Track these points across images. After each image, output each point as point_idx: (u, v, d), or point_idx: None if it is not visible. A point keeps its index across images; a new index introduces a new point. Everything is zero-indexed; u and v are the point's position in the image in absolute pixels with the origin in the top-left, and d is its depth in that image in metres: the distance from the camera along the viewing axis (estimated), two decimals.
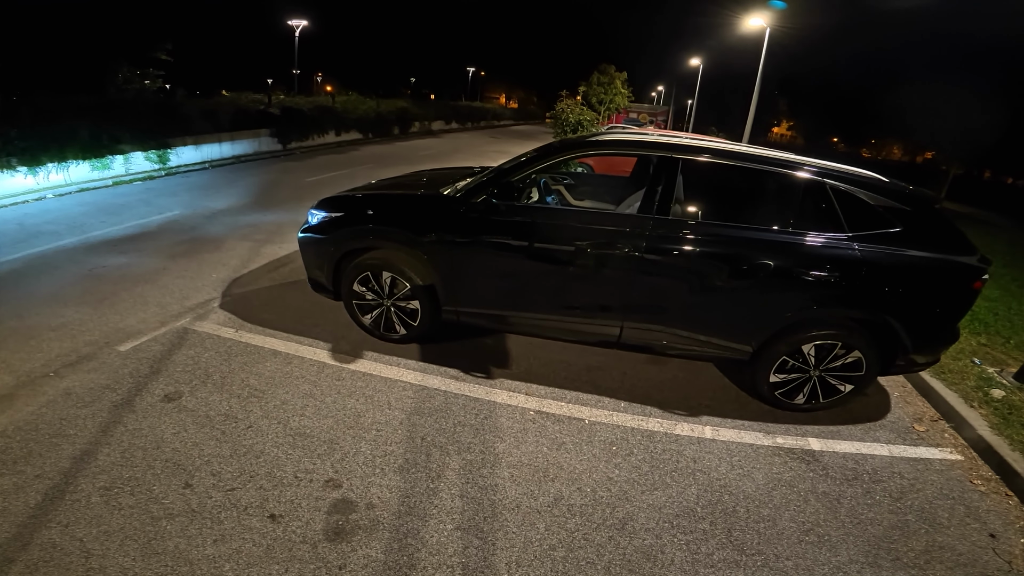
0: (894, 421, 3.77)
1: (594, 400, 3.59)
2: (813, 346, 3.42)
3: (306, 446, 2.90)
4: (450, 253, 3.66)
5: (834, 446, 3.38)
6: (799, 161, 3.51)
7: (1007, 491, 3.16)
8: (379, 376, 3.63)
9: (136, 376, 3.44)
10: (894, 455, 3.36)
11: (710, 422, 3.48)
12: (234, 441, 2.90)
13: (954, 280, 3.35)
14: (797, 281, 3.32)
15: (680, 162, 3.46)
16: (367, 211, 3.90)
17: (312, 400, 3.31)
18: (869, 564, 2.50)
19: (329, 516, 2.46)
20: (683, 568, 2.36)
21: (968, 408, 3.85)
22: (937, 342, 3.50)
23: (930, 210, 3.42)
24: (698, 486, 2.89)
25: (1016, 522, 2.93)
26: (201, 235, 6.57)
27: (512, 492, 2.69)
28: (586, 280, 3.54)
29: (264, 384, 3.44)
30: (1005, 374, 4.43)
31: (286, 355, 3.80)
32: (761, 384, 3.60)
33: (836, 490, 2.98)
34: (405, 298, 3.81)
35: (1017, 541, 2.79)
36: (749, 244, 3.37)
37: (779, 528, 2.65)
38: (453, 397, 3.46)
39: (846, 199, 3.34)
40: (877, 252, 3.27)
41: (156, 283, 4.96)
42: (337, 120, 17.81)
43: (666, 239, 3.37)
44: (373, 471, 2.75)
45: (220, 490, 2.56)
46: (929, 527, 2.79)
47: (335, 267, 3.89)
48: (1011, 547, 2.74)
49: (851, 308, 3.36)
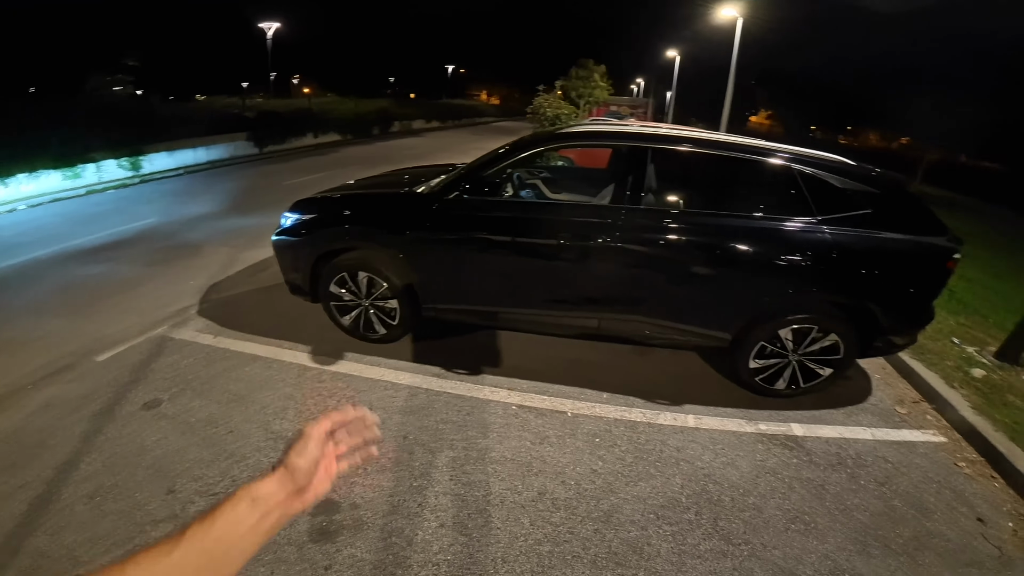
0: (876, 404, 3.79)
1: (577, 392, 3.58)
2: (790, 330, 3.43)
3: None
4: (425, 251, 3.64)
5: (817, 431, 3.39)
6: (767, 147, 3.54)
7: (993, 473, 3.16)
8: (360, 376, 3.60)
9: (116, 385, 3.40)
10: (877, 439, 3.38)
11: (693, 411, 3.48)
12: (215, 446, 2.88)
13: (926, 260, 3.37)
14: (769, 266, 3.34)
15: (649, 151, 3.47)
16: (341, 212, 3.87)
17: (293, 403, 3.27)
18: (858, 552, 2.48)
19: (313, 517, 2.44)
20: (670, 560, 2.35)
21: (949, 389, 3.86)
22: (913, 322, 3.53)
23: (899, 192, 3.45)
24: (682, 476, 2.88)
25: (1003, 505, 2.92)
26: (178, 242, 6.48)
27: (496, 487, 2.68)
28: (561, 272, 3.53)
29: (244, 389, 3.40)
30: (985, 353, 4.46)
31: (266, 359, 3.76)
32: (742, 371, 3.62)
33: (821, 476, 2.98)
34: (383, 298, 3.78)
35: (1006, 525, 2.78)
36: (720, 231, 3.38)
37: (765, 516, 2.64)
38: (435, 395, 3.44)
39: (814, 183, 3.36)
40: (847, 234, 3.29)
41: (134, 292, 4.89)
42: (315, 122, 17.64)
43: (637, 229, 3.38)
44: (356, 472, 2.72)
45: (203, 495, 2.54)
46: (917, 512, 2.78)
47: (311, 269, 3.85)
48: (1000, 532, 2.72)
49: (824, 291, 3.38)
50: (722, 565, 2.34)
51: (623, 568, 2.29)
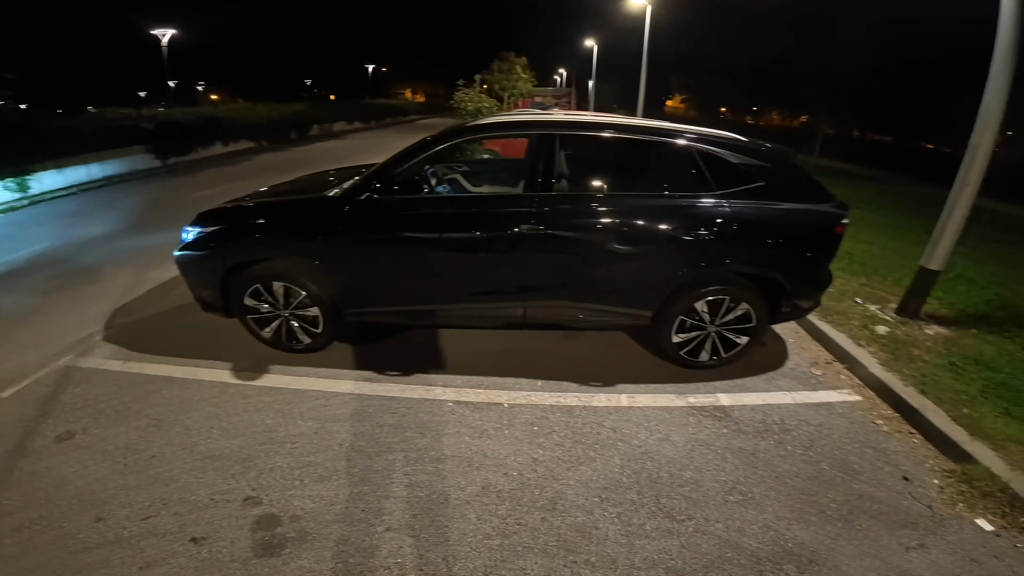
0: (793, 368, 3.99)
1: (512, 383, 3.59)
2: (705, 303, 3.58)
3: (218, 468, 2.75)
4: (342, 255, 3.55)
5: (742, 399, 3.53)
6: (668, 129, 3.69)
7: (910, 429, 3.31)
8: (288, 388, 3.45)
9: (24, 421, 3.13)
10: (798, 402, 3.53)
11: (626, 390, 3.57)
12: (140, 472, 2.72)
13: (817, 226, 3.61)
14: (677, 242, 3.47)
15: (557, 138, 3.53)
16: (249, 221, 3.68)
17: (218, 421, 3.11)
18: (796, 520, 2.54)
19: (254, 533, 2.35)
20: (618, 542, 2.37)
21: (858, 347, 4.08)
22: (814, 286, 3.76)
23: (788, 164, 3.68)
24: (621, 456, 2.93)
25: (925, 462, 3.03)
26: (77, 266, 5.94)
27: (439, 486, 2.65)
28: (479, 265, 3.53)
29: (163, 412, 3.20)
30: (887, 310, 4.77)
31: (183, 380, 3.54)
32: (667, 346, 3.75)
33: (751, 445, 3.07)
34: (304, 306, 3.64)
35: (931, 483, 2.86)
36: (629, 211, 3.49)
37: (704, 490, 2.70)
38: (368, 399, 3.36)
39: (711, 160, 3.52)
40: (744, 207, 3.48)
41: (31, 323, 4.44)
42: (223, 130, 16.63)
43: (550, 215, 3.42)
44: (293, 484, 2.64)
45: (134, 520, 2.42)
46: (845, 475, 2.87)
47: (221, 283, 3.64)
48: (927, 490, 2.81)
49: (730, 262, 3.55)
50: (670, 543, 2.38)
51: (575, 554, 2.30)
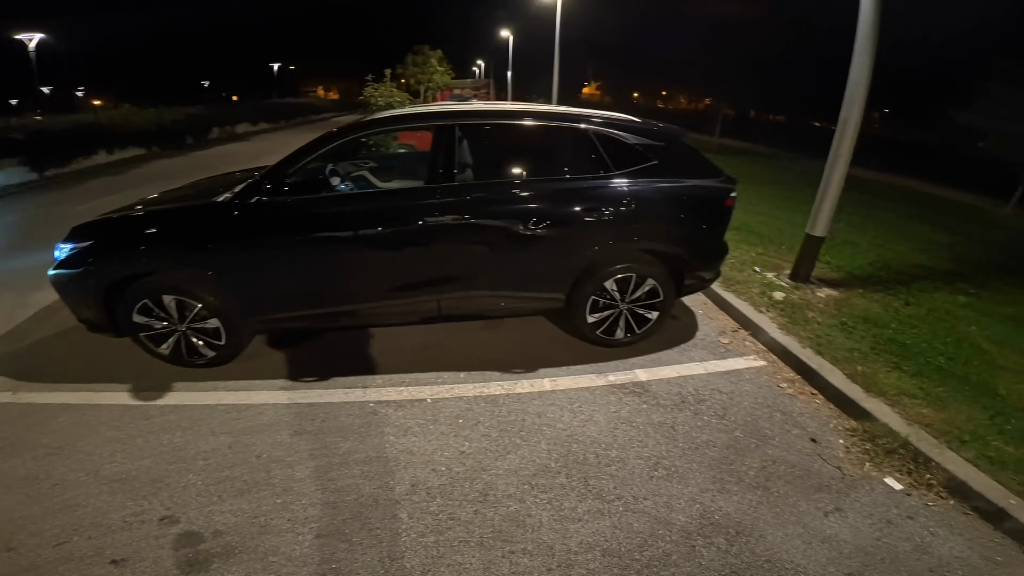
0: (703, 338, 4.21)
1: (433, 377, 3.57)
2: (613, 281, 3.69)
3: (127, 490, 2.59)
4: (234, 263, 3.37)
5: (658, 373, 3.67)
6: (566, 113, 3.79)
7: (812, 390, 3.50)
8: (195, 405, 3.26)
9: None
10: (709, 371, 3.71)
11: (548, 374, 3.62)
12: (44, 500, 2.53)
13: (708, 200, 3.83)
14: (581, 223, 3.57)
15: (457, 128, 3.53)
16: (129, 233, 3.43)
17: (121, 445, 2.91)
18: (719, 491, 2.61)
19: (177, 551, 2.24)
20: (552, 527, 2.38)
21: (758, 314, 4.35)
22: (711, 257, 3.99)
23: (679, 143, 3.86)
24: (547, 441, 2.96)
25: (829, 422, 3.18)
26: None
27: (367, 488, 2.59)
28: (383, 261, 3.47)
29: (60, 440, 2.95)
30: (782, 277, 5.13)
31: (79, 406, 3.25)
32: (583, 327, 3.85)
33: (670, 418, 3.17)
34: (202, 318, 3.42)
35: (838, 443, 2.98)
36: (532, 197, 3.54)
37: (629, 468, 2.76)
38: (284, 408, 3.23)
39: (608, 142, 3.65)
40: (640, 185, 3.63)
41: None
42: (107, 137, 15.27)
43: (453, 205, 3.41)
44: (211, 500, 2.52)
45: (47, 547, 2.29)
46: (757, 441, 2.98)
47: (104, 301, 3.37)
48: (834, 451, 2.93)
49: (631, 239, 3.68)
50: (602, 524, 2.41)
51: (511, 544, 2.30)
